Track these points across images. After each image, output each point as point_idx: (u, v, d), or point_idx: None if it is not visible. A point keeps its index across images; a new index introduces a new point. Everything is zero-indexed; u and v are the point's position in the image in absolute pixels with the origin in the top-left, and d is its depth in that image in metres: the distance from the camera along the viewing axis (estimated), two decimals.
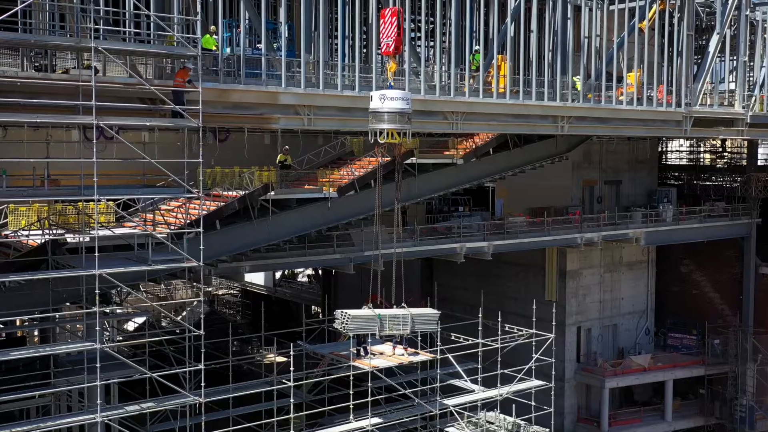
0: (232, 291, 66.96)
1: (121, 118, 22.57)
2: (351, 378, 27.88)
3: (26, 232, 25.33)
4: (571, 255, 45.96)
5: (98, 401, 21.61)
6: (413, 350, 29.03)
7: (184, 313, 64.03)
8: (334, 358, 29.08)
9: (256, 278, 65.88)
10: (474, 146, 36.07)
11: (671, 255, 51.44)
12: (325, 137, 36.91)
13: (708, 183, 55.28)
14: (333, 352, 29.38)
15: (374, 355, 28.55)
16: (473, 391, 31.38)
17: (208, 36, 25.22)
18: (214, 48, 25.30)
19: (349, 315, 27.60)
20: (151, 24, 23.50)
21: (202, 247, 23.40)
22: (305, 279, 67.20)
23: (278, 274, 66.54)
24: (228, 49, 26.54)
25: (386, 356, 28.44)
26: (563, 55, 33.20)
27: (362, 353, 28.41)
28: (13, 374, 24.35)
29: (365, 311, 28.26)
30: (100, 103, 21.50)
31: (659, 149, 64.49)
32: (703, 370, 48.39)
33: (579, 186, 47.08)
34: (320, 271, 60.90)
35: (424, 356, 28.98)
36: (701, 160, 60.32)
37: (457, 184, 35.85)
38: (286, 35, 26.93)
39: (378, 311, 28.12)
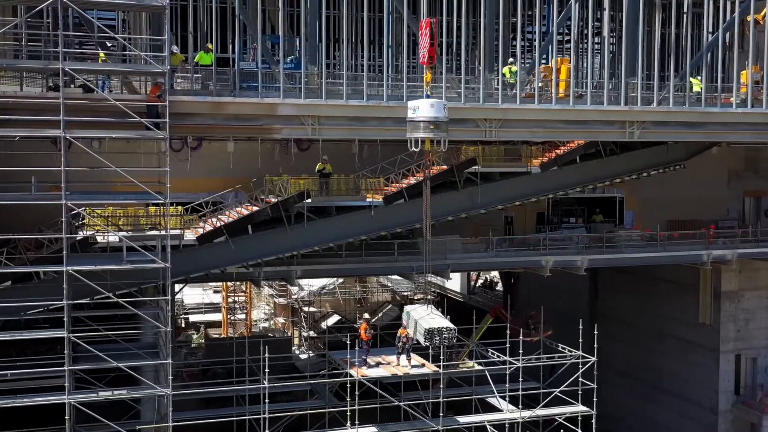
0: (429, 296, 67.93)
1: (95, 131, 24.89)
2: (348, 385, 27.88)
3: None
4: (727, 274, 41.28)
5: (66, 384, 24.12)
6: (421, 361, 28.35)
7: (380, 315, 66.80)
8: (340, 364, 29.26)
9: (453, 285, 66.43)
10: (555, 155, 34.00)
11: None
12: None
13: None
14: (343, 359, 29.55)
15: (377, 364, 28.34)
16: (501, 410, 29.74)
17: (203, 53, 26.96)
18: (210, 64, 26.97)
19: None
20: (143, 44, 25.75)
21: (168, 249, 25.09)
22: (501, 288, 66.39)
23: (473, 282, 66.65)
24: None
25: (388, 366, 28.05)
26: (631, 55, 30.36)
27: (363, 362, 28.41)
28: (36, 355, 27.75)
29: (414, 306, 30.58)
30: (70, 117, 24.01)
31: None
32: None
33: (739, 197, 42.13)
34: (512, 280, 60.16)
35: (428, 369, 28.12)
36: None
37: (532, 195, 33.97)
38: (286, 48, 27.73)
39: (410, 308, 28.75)
